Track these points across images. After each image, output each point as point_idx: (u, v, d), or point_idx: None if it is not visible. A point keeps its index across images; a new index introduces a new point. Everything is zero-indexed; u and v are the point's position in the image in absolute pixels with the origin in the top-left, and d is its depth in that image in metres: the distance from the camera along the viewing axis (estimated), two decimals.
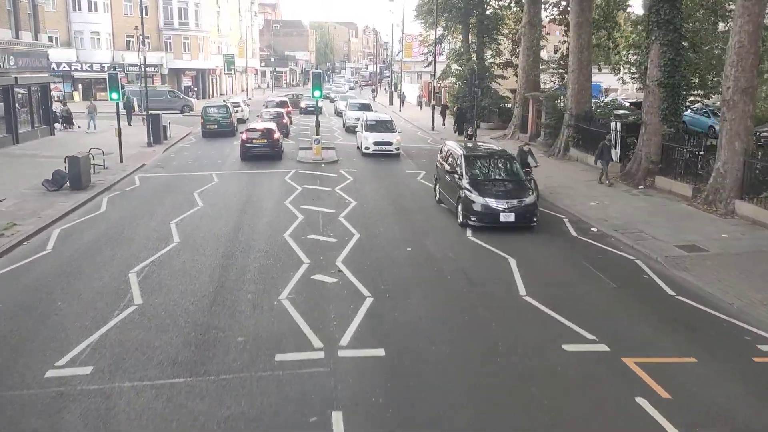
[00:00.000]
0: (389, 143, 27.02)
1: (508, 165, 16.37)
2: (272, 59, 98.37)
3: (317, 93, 26.86)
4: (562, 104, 28.21)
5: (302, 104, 48.94)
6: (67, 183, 18.69)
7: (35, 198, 17.61)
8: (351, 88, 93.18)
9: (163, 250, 12.91)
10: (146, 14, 57.50)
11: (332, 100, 56.44)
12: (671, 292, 10.91)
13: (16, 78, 27.12)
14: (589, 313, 9.79)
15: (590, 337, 8.83)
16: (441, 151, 18.70)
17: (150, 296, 10.25)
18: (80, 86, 54.95)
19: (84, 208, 17.08)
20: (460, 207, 15.13)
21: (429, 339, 8.74)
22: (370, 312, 9.64)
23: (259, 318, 9.41)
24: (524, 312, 9.83)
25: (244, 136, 26.59)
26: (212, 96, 65.90)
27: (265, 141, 26.20)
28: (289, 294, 10.38)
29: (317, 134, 26.15)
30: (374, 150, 26.76)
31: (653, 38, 19.82)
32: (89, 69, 54.31)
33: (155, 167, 24.08)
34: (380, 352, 8.26)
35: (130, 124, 41.08)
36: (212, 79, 68.18)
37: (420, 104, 54.07)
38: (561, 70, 32.23)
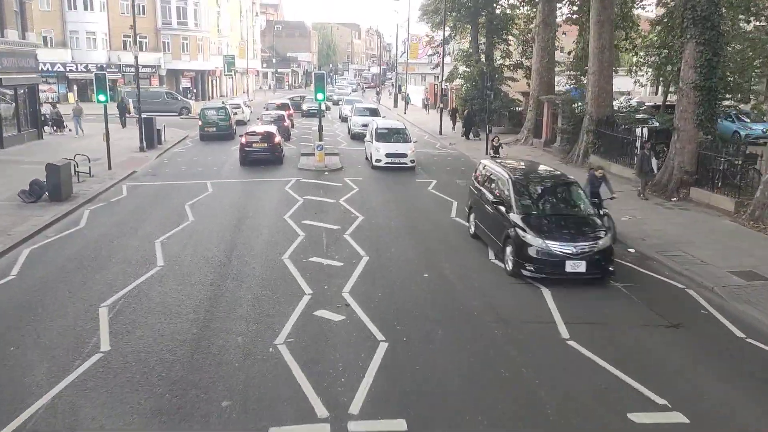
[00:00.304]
0: (403, 155, 23.75)
1: (572, 194, 12.82)
2: (274, 60, 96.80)
3: (320, 95, 24.99)
4: (579, 108, 26.53)
5: (304, 107, 47.33)
6: (46, 194, 17.03)
7: (9, 211, 15.94)
8: (353, 90, 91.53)
9: (143, 276, 11.24)
10: (143, 14, 56.15)
11: (336, 103, 54.47)
12: (740, 334, 9.21)
13: None
14: (649, 364, 8.09)
15: (660, 401, 7.12)
16: (476, 171, 15.16)
17: (120, 340, 8.56)
18: (75, 87, 53.33)
19: (62, 222, 15.42)
20: (509, 250, 11.58)
21: (459, 403, 7.04)
22: (385, 363, 7.94)
23: (250, 371, 7.72)
24: (572, 363, 8.12)
25: (243, 139, 25.07)
26: (212, 98, 64.29)
27: (266, 145, 24.68)
28: (288, 338, 8.68)
29: (320, 140, 24.44)
30: (386, 163, 23.53)
31: (688, 37, 18.11)
32: (84, 70, 52.70)
33: (146, 175, 22.43)
34: (400, 425, 6.57)
35: (124, 126, 39.56)
36: (212, 81, 66.61)
37: (426, 107, 52.37)
38: (576, 72, 30.53)
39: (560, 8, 32.14)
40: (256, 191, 19.48)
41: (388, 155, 23.70)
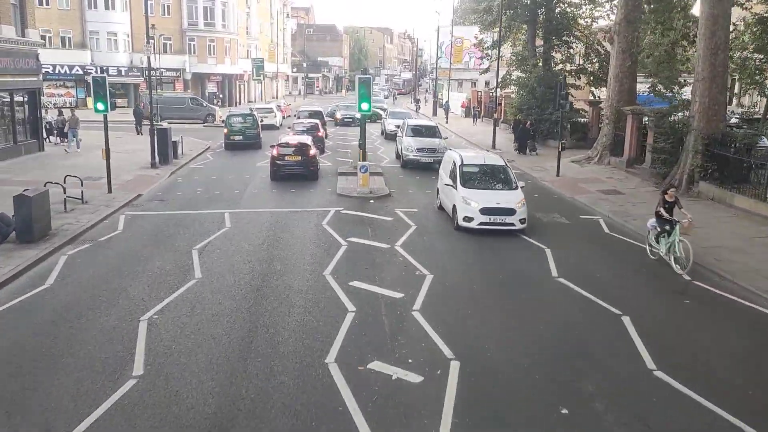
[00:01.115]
0: (509, 212, 14.78)
1: None
2: (304, 65, 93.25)
3: (365, 105, 19.81)
4: (679, 122, 21.76)
5: (338, 115, 43.19)
6: (13, 233, 13.04)
7: None
8: (385, 97, 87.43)
9: (108, 399, 7.02)
10: (168, 13, 52.84)
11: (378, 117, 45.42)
12: None
13: None
14: None
15: None
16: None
17: None
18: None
19: (25, 277, 11.37)
20: None
21: None
22: None
23: None
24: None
25: (274, 151, 21.44)
26: (239, 104, 60.74)
27: (299, 158, 21.42)
28: None
29: (363, 159, 20.11)
30: (481, 224, 14.67)
31: None
32: (104, 73, 49.40)
33: (152, 200, 18.39)
34: None
35: (140, 134, 36.04)
36: (239, 86, 63.10)
37: (474, 117, 47.33)
38: (662, 77, 25.69)
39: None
40: (285, 228, 15.23)
41: (485, 211, 14.61)
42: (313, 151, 22.14)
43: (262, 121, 38.63)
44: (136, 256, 12.74)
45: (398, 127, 30.10)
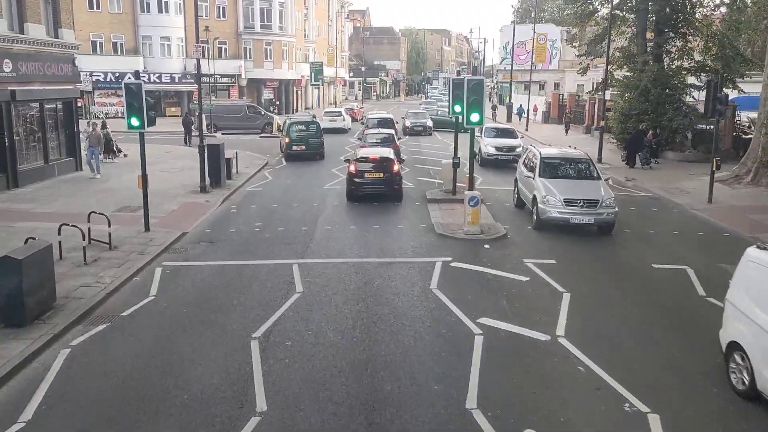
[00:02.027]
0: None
1: None
2: (363, 69, 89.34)
3: (475, 116, 15.04)
4: None
5: (407, 122, 38.59)
6: None
7: None
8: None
9: None
10: (223, 16, 49.62)
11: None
12: None
13: (12, 92, 18.26)
14: None
15: None
16: None
17: None
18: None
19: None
20: None
21: None
22: None
23: None
24: None
25: (351, 167, 18.36)
26: (296, 110, 57.13)
27: (381, 176, 18.14)
28: None
29: (471, 187, 15.30)
30: None
31: None
32: (157, 80, 46.55)
33: (199, 242, 14.20)
34: None
35: (188, 145, 32.59)
36: (296, 92, 59.51)
37: (567, 125, 41.24)
38: None
39: None
40: (379, 295, 10.61)
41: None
42: (396, 166, 18.49)
43: (333, 121, 39.35)
44: (167, 352, 8.43)
45: (499, 149, 25.86)
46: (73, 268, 11.71)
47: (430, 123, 38.94)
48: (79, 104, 43.89)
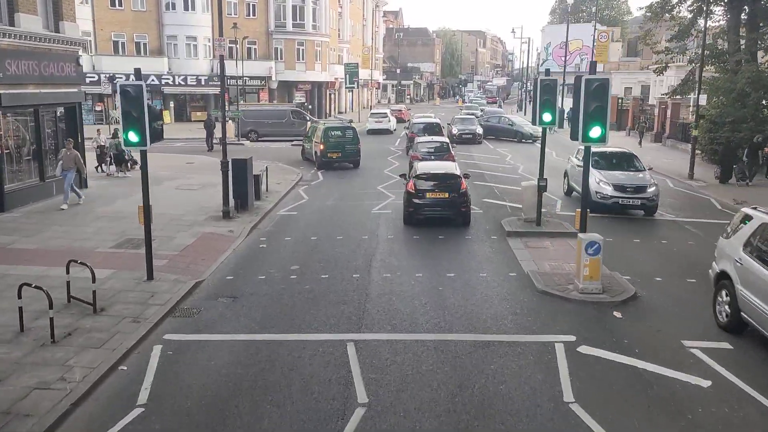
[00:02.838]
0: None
1: None
2: (397, 71, 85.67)
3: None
4: None
5: (454, 129, 34.65)
6: None
7: None
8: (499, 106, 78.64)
9: None
10: (253, 14, 46.48)
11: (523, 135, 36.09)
12: None
13: None
14: None
15: None
16: None
17: None
18: (172, 104, 44.34)
19: None
20: None
21: None
22: None
23: None
24: None
25: (410, 186, 15.35)
26: (329, 115, 53.74)
27: (446, 196, 15.13)
28: None
29: (582, 227, 11.23)
30: None
31: None
32: (183, 83, 43.59)
33: (217, 296, 10.58)
34: None
35: (211, 150, 29.56)
36: (329, 95, 56.10)
37: (641, 134, 35.71)
38: None
39: None
40: (487, 411, 6.81)
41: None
42: (464, 184, 15.37)
43: (378, 123, 40.91)
44: None
45: (620, 189, 16.73)
46: (34, 349, 8.18)
47: (480, 130, 35.01)
48: (98, 108, 41.55)
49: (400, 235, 14.62)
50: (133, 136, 10.29)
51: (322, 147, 24.89)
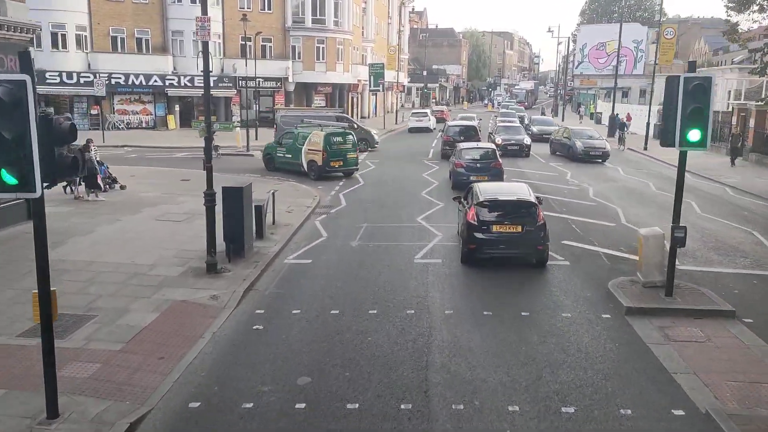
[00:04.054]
0: None
1: None
2: (423, 73, 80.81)
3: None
4: None
5: (499, 139, 29.55)
6: None
7: None
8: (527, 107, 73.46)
9: None
10: (268, 8, 42.02)
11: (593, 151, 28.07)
12: None
13: None
14: None
15: None
16: None
17: None
18: (177, 108, 39.96)
19: None
20: None
21: None
22: None
23: None
24: None
25: (470, 214, 11.92)
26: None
27: (520, 230, 11.64)
28: None
29: None
30: None
31: None
32: (189, 84, 39.23)
33: None
34: None
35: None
36: (351, 98, 51.49)
37: (734, 150, 29.12)
38: None
39: None
40: None
41: None
42: (541, 213, 12.07)
43: (419, 121, 43.76)
44: None
45: None
46: None
47: (528, 140, 30.01)
48: (94, 112, 37.37)
49: (462, 308, 9.85)
50: (7, 177, 5.62)
51: (323, 156, 21.93)
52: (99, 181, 17.74)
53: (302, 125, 25.10)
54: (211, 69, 11.76)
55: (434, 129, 42.49)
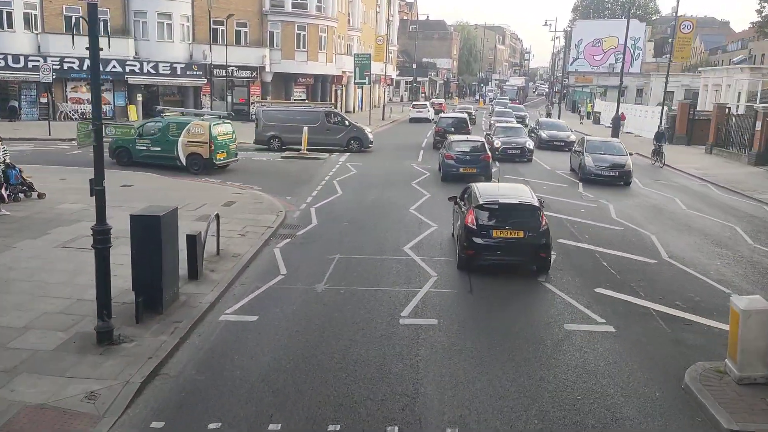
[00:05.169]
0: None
1: None
2: (413, 66, 77.16)
3: None
4: None
5: (497, 142, 26.00)
6: None
7: None
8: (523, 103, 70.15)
9: None
10: None
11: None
12: None
13: None
14: None
15: None
16: None
17: None
18: (139, 98, 36.01)
19: None
20: None
21: None
22: None
23: None
24: None
25: (469, 218, 10.97)
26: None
27: (521, 236, 10.83)
28: None
29: None
30: None
31: None
32: (153, 71, 35.33)
33: None
34: None
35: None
36: (335, 91, 47.81)
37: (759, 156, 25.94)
38: None
39: None
40: None
41: None
42: (544, 218, 11.15)
43: (419, 112, 47.42)
44: None
45: None
46: None
47: (530, 143, 26.61)
48: (43, 100, 33.32)
49: (475, 424, 6.40)
50: None
51: (210, 148, 20.28)
52: (2, 191, 14.03)
53: (168, 114, 22.56)
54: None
55: (432, 119, 44.46)
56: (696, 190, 21.68)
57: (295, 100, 40.31)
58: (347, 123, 28.26)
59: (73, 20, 34.00)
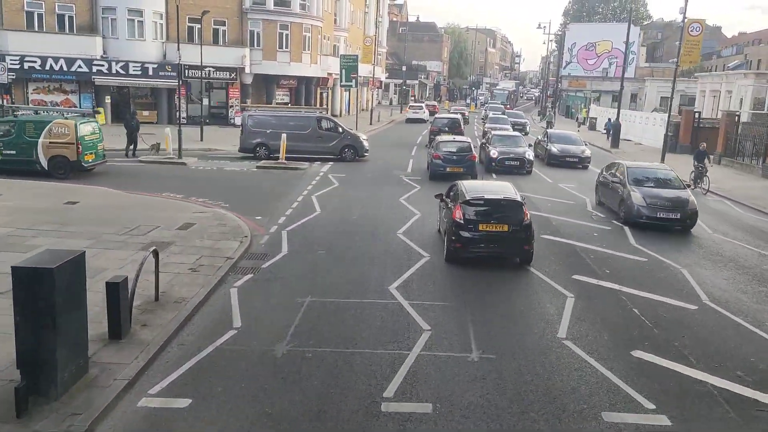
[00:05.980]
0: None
1: None
2: (403, 69, 74.98)
3: None
4: None
5: (494, 152, 23.80)
6: None
7: None
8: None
9: None
10: None
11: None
12: None
13: None
14: None
15: None
16: None
17: None
18: (108, 100, 33.52)
19: None
20: None
21: None
22: None
23: None
24: None
25: (457, 213, 11.49)
26: None
27: (506, 229, 11.58)
28: None
29: None
30: None
31: None
32: (122, 71, 32.88)
33: None
34: None
35: (131, 155, 19.54)
36: (320, 94, 45.52)
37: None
38: None
39: None
40: None
41: None
42: (528, 213, 11.83)
43: (416, 113, 52.20)
44: None
45: None
46: None
47: (530, 154, 24.41)
48: (1, 103, 30.76)
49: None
50: None
51: (78, 149, 18.65)
52: None
53: (24, 114, 20.51)
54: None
55: (428, 120, 46.41)
56: (714, 207, 19.62)
57: (277, 103, 37.99)
58: (341, 129, 25.96)
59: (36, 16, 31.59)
